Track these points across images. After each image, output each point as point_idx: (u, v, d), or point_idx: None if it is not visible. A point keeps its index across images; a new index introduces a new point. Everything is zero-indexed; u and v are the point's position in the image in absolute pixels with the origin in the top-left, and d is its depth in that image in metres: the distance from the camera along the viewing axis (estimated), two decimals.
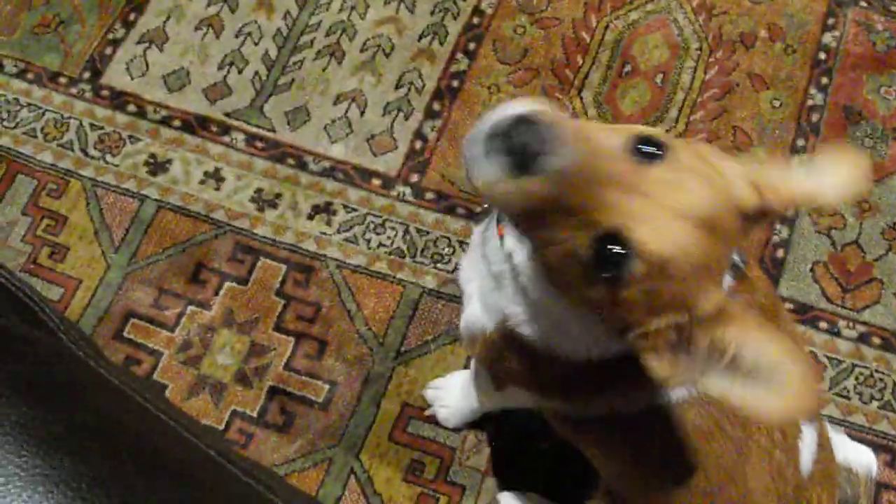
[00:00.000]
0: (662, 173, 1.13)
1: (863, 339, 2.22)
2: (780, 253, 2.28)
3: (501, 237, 1.38)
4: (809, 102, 2.46)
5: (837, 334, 2.22)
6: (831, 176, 1.19)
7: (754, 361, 1.09)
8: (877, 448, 2.06)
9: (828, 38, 2.56)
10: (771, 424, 1.43)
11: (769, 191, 1.18)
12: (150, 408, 1.08)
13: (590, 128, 1.15)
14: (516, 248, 1.34)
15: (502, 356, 1.50)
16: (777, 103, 2.45)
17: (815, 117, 2.44)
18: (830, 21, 2.58)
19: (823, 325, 2.22)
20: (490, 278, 1.45)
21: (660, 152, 1.13)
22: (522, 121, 1.09)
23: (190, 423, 1.10)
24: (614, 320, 1.18)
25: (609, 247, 1.10)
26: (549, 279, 1.26)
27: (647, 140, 1.14)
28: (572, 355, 1.39)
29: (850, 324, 2.23)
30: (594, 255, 1.11)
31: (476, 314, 1.52)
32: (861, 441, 2.04)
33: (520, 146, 1.08)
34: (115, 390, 1.09)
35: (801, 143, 2.40)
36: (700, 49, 2.53)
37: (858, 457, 1.86)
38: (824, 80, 2.49)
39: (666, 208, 1.11)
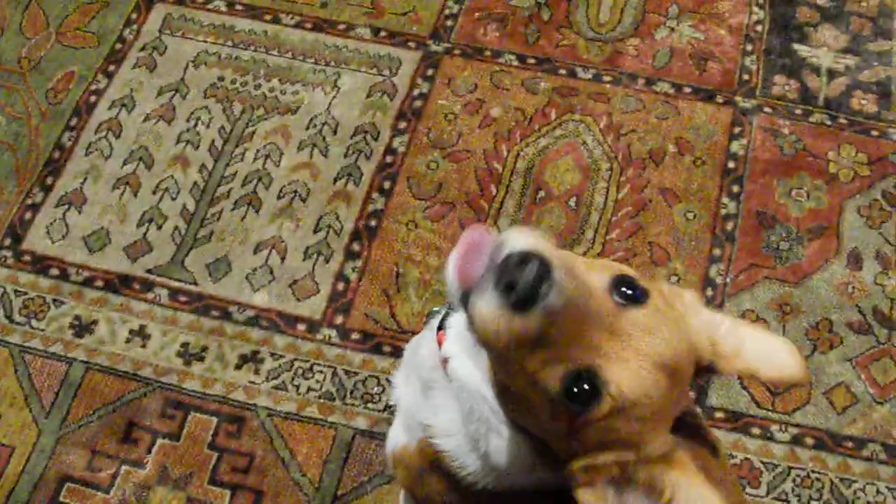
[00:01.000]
0: (640, 318, 1.16)
1: (796, 440, 2.23)
2: (704, 362, 2.30)
3: (440, 342, 1.38)
4: (723, 212, 2.51)
5: (771, 438, 2.23)
6: (775, 359, 1.24)
7: None
8: None
9: (735, 146, 2.61)
10: None
11: (722, 353, 1.23)
12: None
13: (576, 263, 1.17)
14: (462, 358, 1.34)
15: (424, 479, 1.49)
16: (691, 215, 2.49)
17: (729, 226, 2.49)
18: (736, 130, 2.64)
19: (756, 430, 2.24)
20: (418, 389, 1.46)
21: (638, 295, 1.17)
22: (524, 258, 1.10)
23: None
24: (562, 450, 1.20)
25: (583, 385, 1.12)
26: (502, 399, 1.27)
27: (629, 282, 1.17)
28: (492, 479, 1.38)
29: (783, 427, 2.24)
30: (564, 390, 1.13)
31: (397, 431, 1.53)
32: None
33: (523, 285, 1.09)
34: None
35: (717, 252, 2.44)
36: (611, 169, 2.57)
37: None
38: (735, 189, 2.54)
39: (640, 353, 1.14)
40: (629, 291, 1.17)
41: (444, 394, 1.39)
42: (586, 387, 1.12)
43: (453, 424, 1.39)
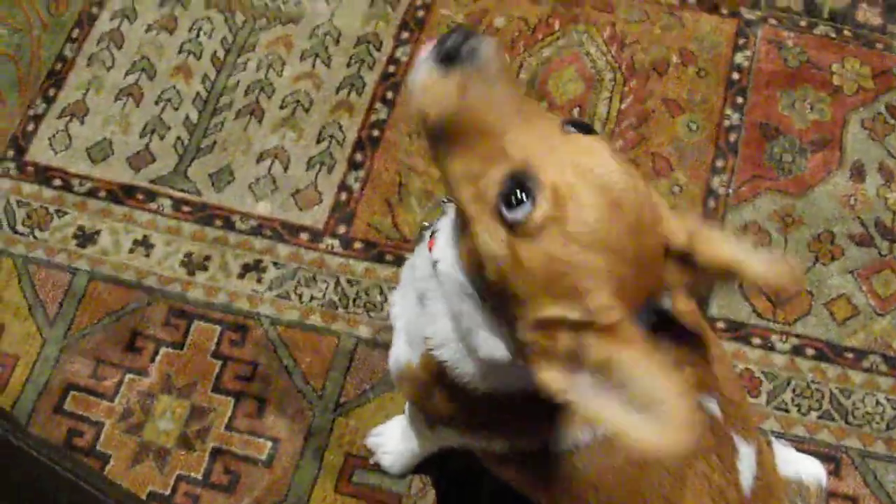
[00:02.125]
0: (587, 140, 1.16)
1: (797, 351, 2.24)
2: None
3: (431, 249, 1.37)
4: (726, 123, 2.50)
5: (771, 349, 2.24)
6: (765, 260, 1.16)
7: (641, 390, 1.07)
8: (820, 458, 2.07)
9: (739, 58, 2.60)
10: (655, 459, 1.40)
11: (700, 243, 1.18)
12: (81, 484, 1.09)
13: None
14: (446, 251, 1.33)
15: (429, 392, 1.49)
16: (694, 126, 2.49)
17: (732, 137, 2.48)
18: (741, 41, 2.62)
19: (756, 340, 2.25)
20: (416, 303, 1.45)
21: (589, 127, 1.18)
22: (461, 33, 1.14)
23: (118, 492, 1.10)
24: (515, 292, 1.16)
25: (519, 191, 1.12)
26: (471, 269, 1.25)
27: (582, 124, 1.18)
28: (493, 384, 1.38)
29: (783, 337, 2.26)
30: (502, 195, 1.13)
31: (401, 348, 1.53)
32: (804, 452, 2.06)
33: (451, 43, 1.14)
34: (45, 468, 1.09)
35: (720, 163, 2.44)
36: (614, 79, 2.56)
37: (807, 469, 1.86)
38: (739, 100, 2.53)
39: (581, 169, 1.12)
40: (580, 127, 1.19)
41: (438, 302, 1.38)
42: (522, 195, 1.11)
43: (449, 332, 1.38)
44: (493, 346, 1.29)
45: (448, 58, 1.14)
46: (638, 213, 1.14)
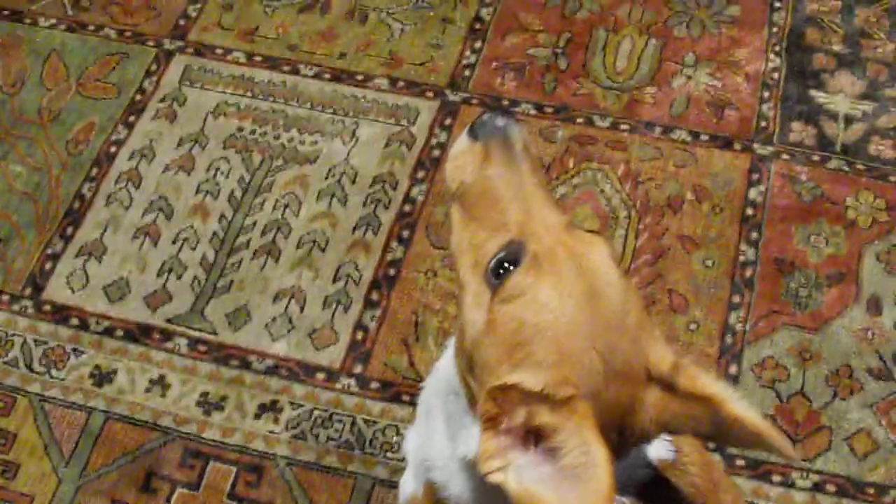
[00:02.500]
0: (587, 236, 1.20)
1: (818, 488, 2.21)
2: None
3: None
4: (741, 258, 2.50)
5: (792, 486, 2.21)
6: (749, 407, 1.15)
7: (575, 459, 1.07)
8: None
9: (753, 193, 2.61)
10: None
11: (684, 374, 1.17)
12: None
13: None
14: (449, 354, 1.36)
15: None
16: (710, 262, 2.49)
17: (748, 273, 2.48)
18: (755, 177, 2.64)
19: (777, 478, 2.22)
20: (423, 427, 1.45)
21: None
22: (497, 111, 1.24)
23: None
24: (486, 359, 1.17)
25: (510, 263, 1.16)
26: (458, 341, 1.26)
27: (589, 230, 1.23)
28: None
29: (804, 474, 2.23)
30: (493, 261, 1.17)
31: (408, 480, 1.53)
32: None
33: (484, 121, 1.24)
34: None
35: (736, 299, 2.44)
36: (629, 217, 2.58)
37: None
38: (754, 235, 2.54)
39: (573, 252, 1.16)
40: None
41: (438, 419, 1.39)
42: (509, 265, 1.15)
43: (444, 451, 1.37)
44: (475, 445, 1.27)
45: (479, 131, 1.23)
46: (619, 313, 1.15)
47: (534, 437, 1.12)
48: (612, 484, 1.04)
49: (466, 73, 2.86)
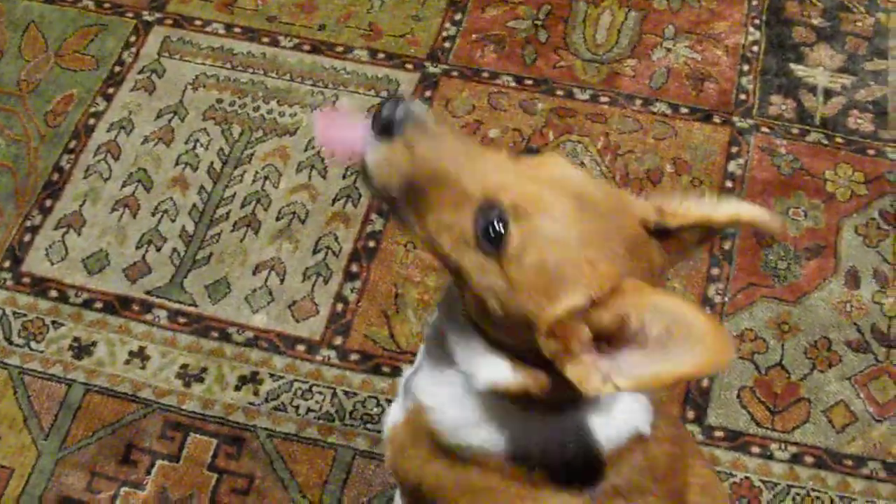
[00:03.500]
0: (540, 157, 1.22)
1: (796, 459, 2.23)
2: (704, 382, 2.31)
3: None
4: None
5: (770, 457, 2.23)
6: (730, 205, 1.24)
7: (664, 325, 1.08)
8: None
9: (733, 166, 2.62)
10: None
11: (669, 213, 1.22)
12: None
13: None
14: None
15: (406, 451, 1.48)
16: None
17: (727, 245, 2.49)
18: (734, 149, 2.65)
19: (755, 449, 2.24)
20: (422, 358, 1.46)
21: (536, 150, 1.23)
22: (390, 103, 1.22)
23: None
24: (523, 313, 1.18)
25: (495, 222, 1.16)
26: (475, 312, 1.26)
27: (529, 149, 1.23)
28: (481, 440, 1.36)
29: (782, 445, 2.25)
30: (479, 231, 1.17)
31: (394, 410, 1.53)
32: None
33: (384, 114, 1.21)
34: None
35: (715, 272, 2.44)
36: None
37: None
38: None
39: (539, 178, 1.18)
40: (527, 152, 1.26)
41: (430, 356, 1.42)
42: (499, 225, 1.16)
43: (434, 378, 1.40)
44: (495, 368, 1.28)
45: (387, 129, 1.21)
46: (603, 200, 1.19)
47: (605, 343, 1.14)
48: (707, 315, 1.08)
49: (446, 45, 2.85)
